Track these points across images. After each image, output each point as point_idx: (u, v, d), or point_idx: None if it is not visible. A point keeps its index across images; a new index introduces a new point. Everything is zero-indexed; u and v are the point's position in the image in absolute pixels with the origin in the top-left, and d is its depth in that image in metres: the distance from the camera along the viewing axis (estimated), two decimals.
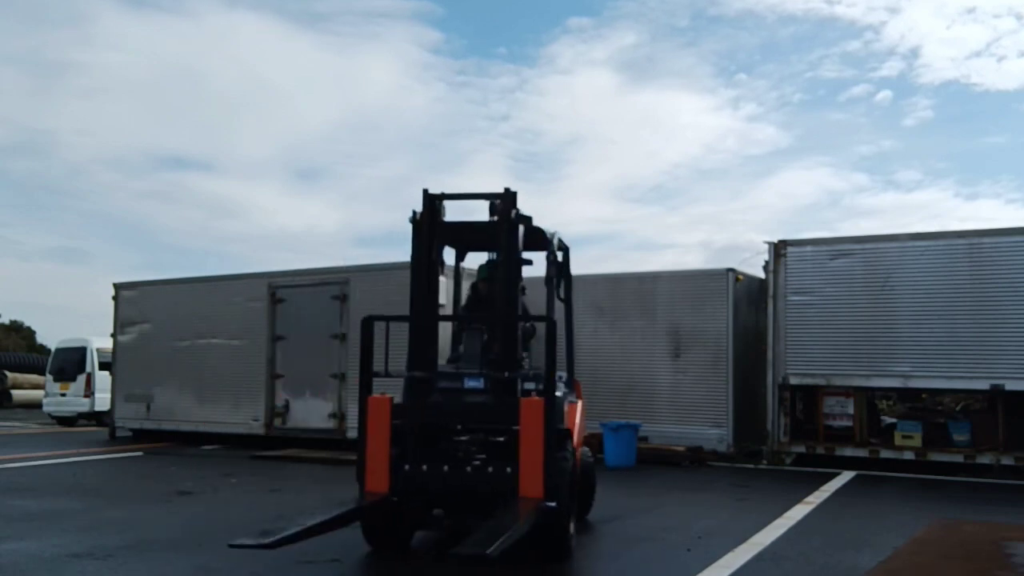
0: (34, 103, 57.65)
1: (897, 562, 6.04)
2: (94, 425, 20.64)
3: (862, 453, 12.10)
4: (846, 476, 11.17)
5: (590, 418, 13.36)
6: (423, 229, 6.38)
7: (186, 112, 58.74)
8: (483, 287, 7.26)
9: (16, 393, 28.49)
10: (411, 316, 6.43)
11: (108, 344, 18.51)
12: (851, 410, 12.40)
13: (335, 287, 14.21)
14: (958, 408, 13.61)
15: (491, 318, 6.50)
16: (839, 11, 52.41)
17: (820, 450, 12.25)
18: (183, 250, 63.96)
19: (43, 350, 37.32)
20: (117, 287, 17.60)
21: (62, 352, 22.13)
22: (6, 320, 44.95)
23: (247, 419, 14.93)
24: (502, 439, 5.88)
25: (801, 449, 12.41)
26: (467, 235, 7.06)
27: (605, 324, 14.07)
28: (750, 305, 13.65)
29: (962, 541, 6.90)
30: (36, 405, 24.93)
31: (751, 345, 13.39)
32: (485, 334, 6.61)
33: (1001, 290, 11.26)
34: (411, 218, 6.46)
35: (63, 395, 21.46)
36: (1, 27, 54.00)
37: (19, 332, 44.99)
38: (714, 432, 12.95)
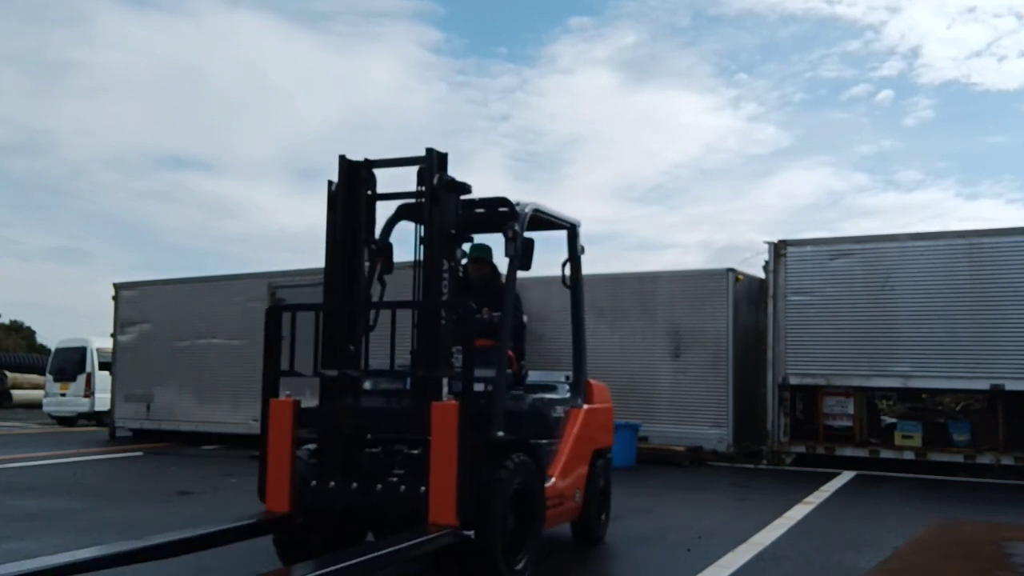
0: (34, 103, 57.67)
1: (897, 562, 6.04)
2: (94, 425, 20.63)
3: (862, 453, 12.10)
4: (846, 476, 11.17)
5: None
6: (338, 202, 5.28)
7: (186, 112, 58.76)
8: (475, 271, 6.48)
9: (16, 393, 28.49)
10: (323, 304, 5.38)
11: (108, 344, 18.51)
12: (851, 410, 12.41)
13: None
14: (958, 408, 13.62)
15: (405, 305, 5.43)
16: (839, 11, 52.41)
17: (820, 450, 12.25)
18: (183, 250, 64.00)
19: (43, 350, 37.33)
20: (117, 287, 17.60)
21: (62, 352, 22.13)
22: (6, 320, 44.97)
23: (247, 419, 14.91)
24: (417, 452, 4.93)
25: (801, 449, 12.41)
26: (414, 210, 5.87)
27: (605, 324, 14.06)
28: (750, 305, 13.65)
29: (962, 541, 6.91)
30: (36, 405, 24.93)
31: (751, 345, 13.39)
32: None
33: (1001, 290, 11.26)
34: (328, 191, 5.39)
35: (63, 395, 21.45)
36: (0, 26, 54.02)
37: (19, 332, 45.00)
38: (714, 432, 12.95)
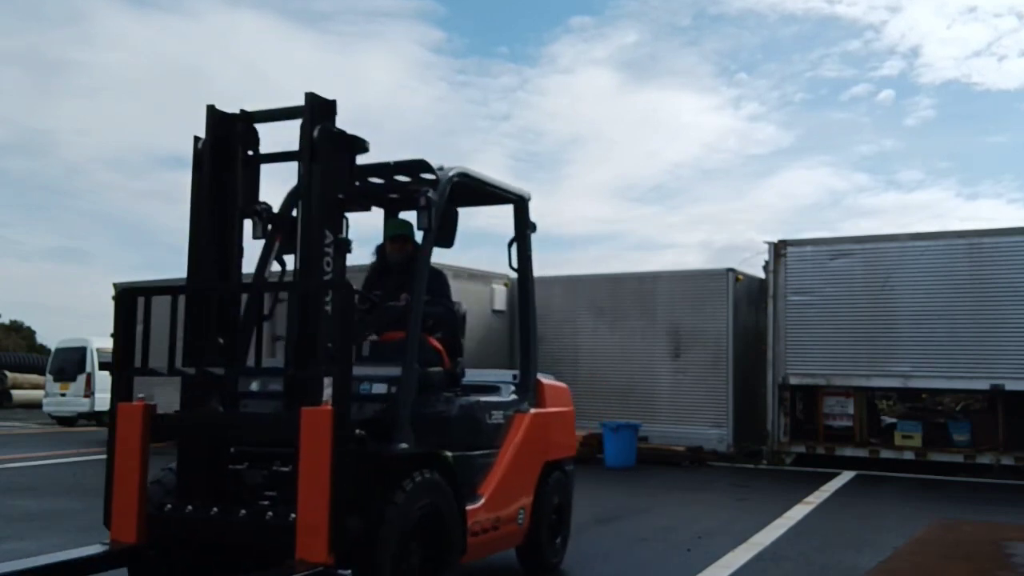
0: (33, 102, 57.65)
1: (897, 562, 6.04)
2: (94, 425, 20.63)
3: (862, 453, 12.10)
4: (846, 476, 11.17)
5: (591, 418, 13.51)
6: (205, 161, 4.28)
7: (186, 111, 58.70)
8: (394, 250, 5.25)
9: (16, 393, 28.47)
10: (181, 287, 4.25)
11: (108, 344, 18.49)
12: (851, 410, 12.41)
13: None
14: (958, 408, 13.62)
15: (276, 287, 4.45)
16: (840, 10, 52.38)
17: (820, 450, 12.25)
18: (183, 250, 63.78)
19: (43, 350, 37.33)
20: (117, 287, 17.59)
21: (62, 352, 22.12)
22: (6, 320, 44.97)
23: None
24: (288, 469, 3.87)
25: (801, 449, 12.42)
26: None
27: (605, 324, 14.08)
28: (750, 305, 13.65)
29: (962, 541, 6.91)
30: (36, 405, 24.92)
31: (751, 345, 13.39)
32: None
33: (1001, 290, 11.26)
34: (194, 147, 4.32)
35: (63, 395, 21.43)
36: (0, 25, 54.01)
37: (19, 332, 45.01)
38: (714, 432, 12.95)
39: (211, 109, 4.31)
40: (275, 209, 4.56)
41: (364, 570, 3.75)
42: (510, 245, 5.71)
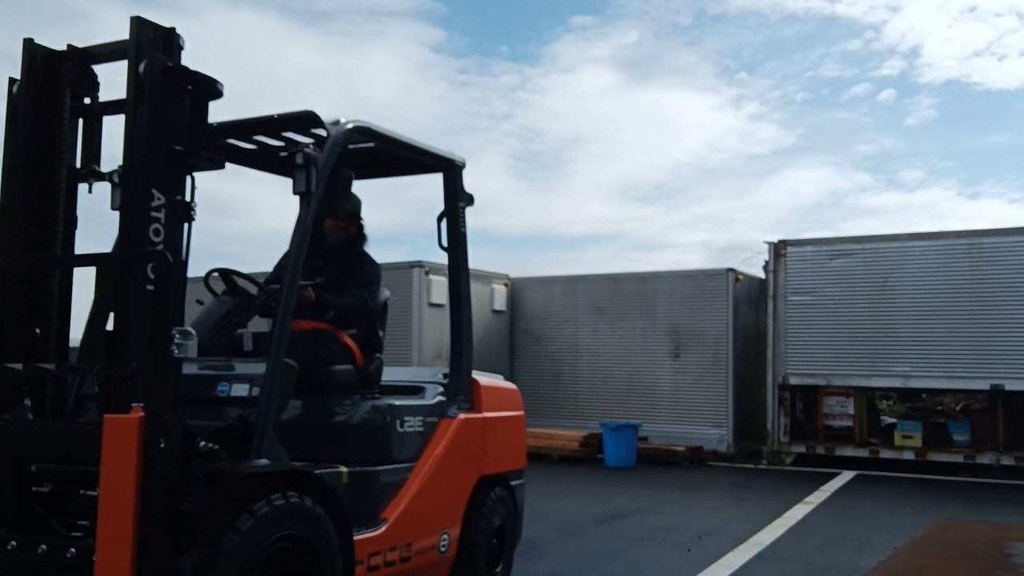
0: None
1: (897, 562, 6.04)
2: None
3: (862, 453, 12.09)
4: (846, 476, 11.18)
5: (591, 418, 13.55)
6: (21, 110, 3.47)
7: None
8: (333, 228, 4.63)
9: None
10: None
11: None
12: (851, 410, 12.40)
13: None
14: (958, 408, 13.61)
15: (85, 261, 3.62)
16: (840, 10, 52.37)
17: (820, 450, 12.25)
18: None
19: None
20: None
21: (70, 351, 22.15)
22: None
23: None
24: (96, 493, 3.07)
25: (801, 449, 12.41)
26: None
27: (605, 324, 14.09)
28: (750, 305, 13.66)
29: (962, 541, 6.90)
30: None
31: (751, 345, 13.39)
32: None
33: (1001, 290, 11.26)
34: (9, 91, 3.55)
35: None
36: None
37: None
38: (714, 432, 12.95)
39: (29, 43, 3.47)
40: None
41: None
42: (439, 220, 4.87)
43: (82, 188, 3.63)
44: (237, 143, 4.49)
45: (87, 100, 3.60)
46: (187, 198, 3.28)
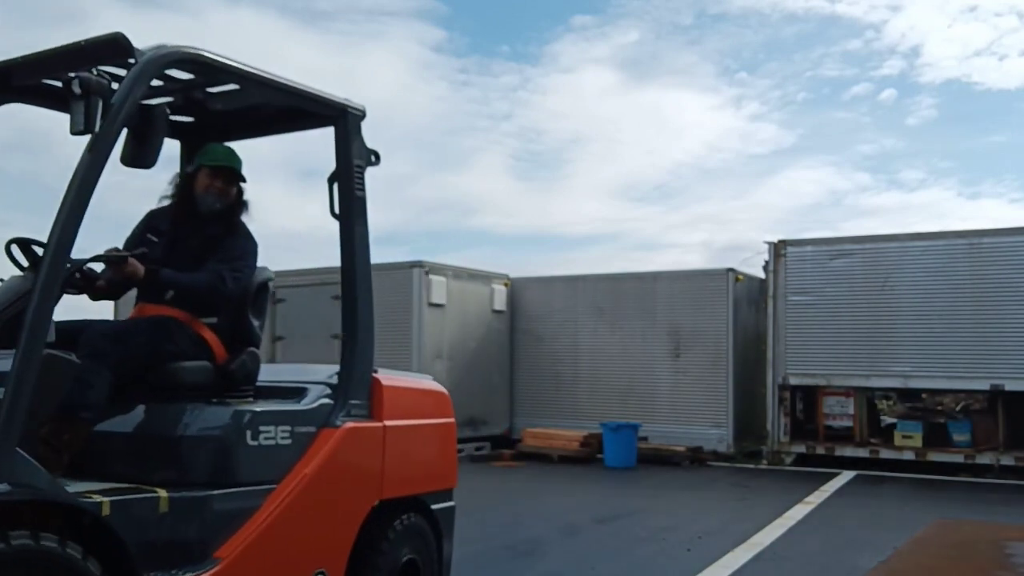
0: None
1: (897, 562, 6.04)
2: None
3: (862, 453, 12.09)
4: (846, 476, 11.17)
5: (591, 418, 13.55)
6: None
7: None
8: (206, 189, 3.81)
9: None
10: None
11: None
12: (851, 410, 12.40)
13: (335, 287, 14.17)
14: (958, 408, 13.60)
15: None
16: (840, 9, 52.39)
17: (820, 450, 12.24)
18: None
19: None
20: None
21: None
22: None
23: None
24: None
25: (801, 449, 12.41)
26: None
27: (605, 324, 14.08)
28: (750, 305, 13.66)
29: (962, 541, 6.91)
30: None
31: (751, 345, 13.39)
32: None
33: (1001, 290, 11.26)
34: None
35: None
36: None
37: None
38: (714, 432, 12.94)
39: None
40: None
41: None
42: (331, 182, 3.91)
43: None
44: (50, 82, 3.57)
45: None
46: None
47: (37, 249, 3.20)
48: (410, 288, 13.23)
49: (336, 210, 3.91)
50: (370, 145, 3.93)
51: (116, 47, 3.00)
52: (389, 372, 4.18)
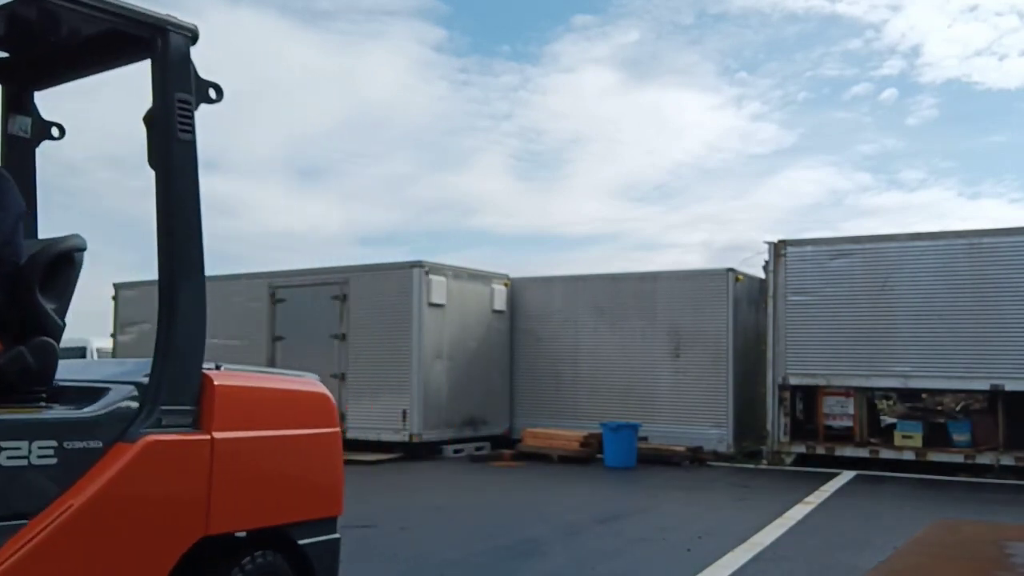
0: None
1: (897, 562, 6.04)
2: None
3: (862, 453, 12.09)
4: (846, 476, 11.17)
5: (591, 418, 13.56)
6: None
7: None
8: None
9: None
10: None
11: (108, 344, 18.51)
12: (851, 410, 12.40)
13: (335, 287, 14.21)
14: (958, 408, 13.61)
15: None
16: (840, 9, 52.38)
17: (820, 450, 12.24)
18: None
19: None
20: (117, 287, 17.61)
21: (62, 352, 22.13)
22: None
23: None
24: None
25: (801, 449, 12.41)
26: None
27: (605, 324, 14.09)
28: (750, 305, 13.66)
29: (962, 541, 6.90)
30: None
31: (751, 345, 13.39)
32: None
33: (1001, 290, 11.26)
34: None
35: None
36: None
37: None
38: (714, 432, 12.95)
39: None
40: None
41: None
42: (147, 124, 3.10)
43: None
44: None
45: None
46: None
47: None
48: (410, 288, 13.24)
49: (152, 161, 3.08)
50: (370, 146, 3.74)
51: None
52: (240, 368, 3.38)
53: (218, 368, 3.24)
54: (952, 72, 49.34)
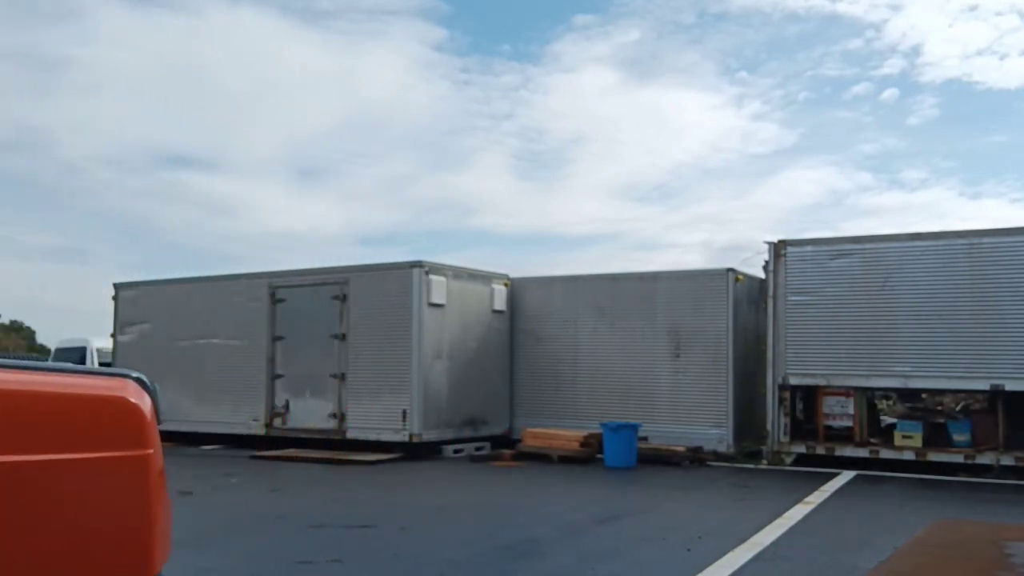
0: (30, 99, 57.68)
1: (897, 562, 6.04)
2: None
3: (862, 453, 12.09)
4: (846, 476, 11.17)
5: (591, 418, 13.57)
6: None
7: (187, 110, 58.79)
8: None
9: None
10: None
11: (108, 344, 18.52)
12: (851, 410, 12.40)
13: (335, 287, 14.22)
14: (958, 408, 13.61)
15: None
16: (841, 8, 52.38)
17: (820, 450, 12.25)
18: (183, 249, 64.03)
19: (43, 350, 37.37)
20: (117, 287, 17.61)
21: (62, 352, 22.15)
22: (6, 320, 45.02)
23: (247, 419, 14.93)
24: None
25: (801, 449, 12.41)
26: None
27: (605, 324, 14.09)
28: (750, 305, 13.67)
29: (962, 541, 6.90)
30: None
31: (751, 345, 13.40)
32: None
33: (1001, 290, 11.26)
34: None
35: None
36: None
37: (19, 332, 45.06)
38: (714, 432, 12.95)
39: None
40: None
41: None
42: None
43: None
44: None
45: None
46: None
47: None
48: (410, 288, 13.24)
49: None
50: (370, 146, 3.85)
51: None
52: None
53: None
54: (953, 72, 49.23)
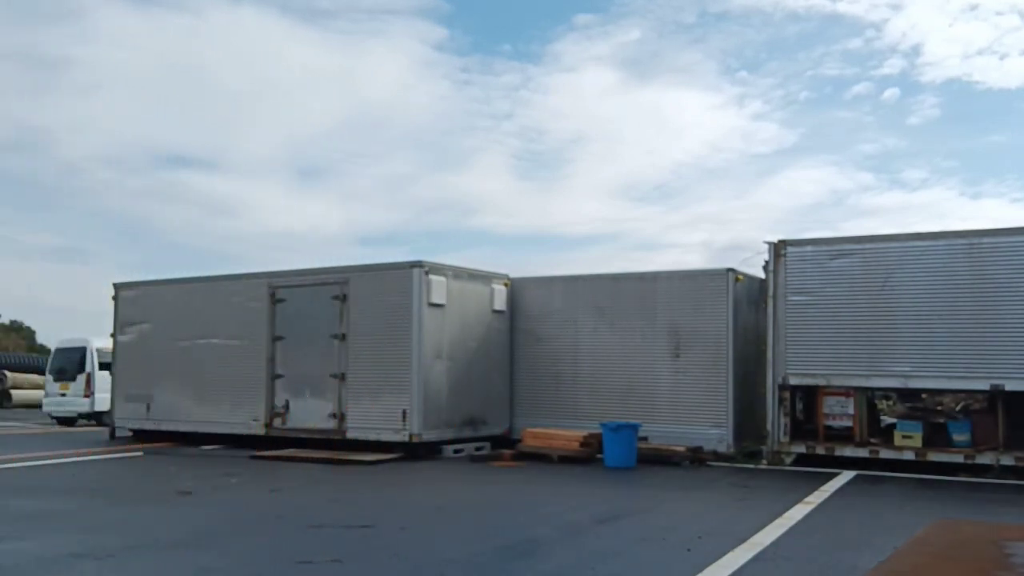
0: (30, 99, 57.65)
1: (897, 562, 6.04)
2: (94, 425, 20.65)
3: (862, 453, 12.09)
4: (846, 476, 11.17)
5: (591, 418, 13.57)
6: None
7: (187, 110, 58.75)
8: None
9: (16, 393, 28.53)
10: None
11: (108, 344, 18.53)
12: (851, 410, 12.40)
13: (335, 287, 14.21)
14: (958, 408, 13.61)
15: None
16: (841, 8, 52.40)
17: (820, 450, 12.24)
18: (183, 249, 63.96)
19: (43, 350, 37.38)
20: (117, 287, 17.61)
21: (62, 352, 22.17)
22: (6, 320, 45.03)
23: (247, 419, 14.93)
24: None
25: (801, 449, 12.41)
26: None
27: (605, 324, 14.09)
28: (750, 305, 13.67)
29: (962, 541, 6.90)
30: (36, 405, 24.99)
31: (751, 345, 13.40)
32: None
33: (1001, 290, 11.26)
34: None
35: (63, 395, 21.50)
36: None
37: (19, 332, 45.07)
38: (714, 432, 12.96)
39: None
40: None
41: None
42: None
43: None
44: None
45: None
46: None
47: None
48: (410, 288, 13.24)
49: None
50: (370, 146, 4.15)
51: None
52: None
53: None
54: (953, 71, 49.24)
